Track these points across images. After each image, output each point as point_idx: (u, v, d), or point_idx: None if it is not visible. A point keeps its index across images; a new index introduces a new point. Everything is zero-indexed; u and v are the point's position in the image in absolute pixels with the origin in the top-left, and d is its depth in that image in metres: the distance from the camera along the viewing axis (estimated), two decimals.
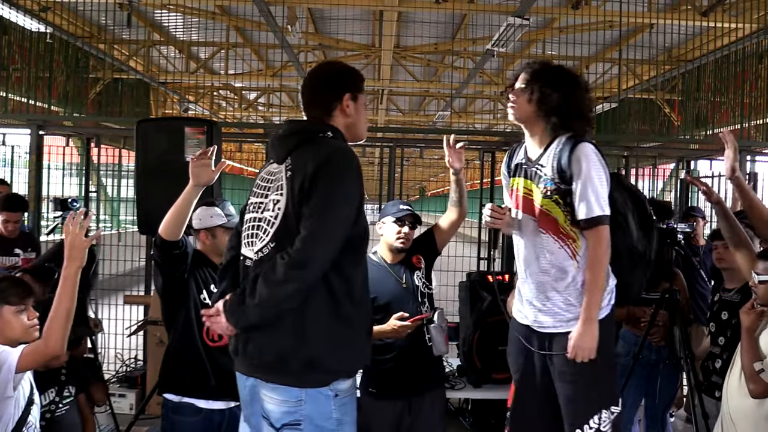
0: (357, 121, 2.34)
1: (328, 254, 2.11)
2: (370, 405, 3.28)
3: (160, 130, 4.30)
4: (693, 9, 8.06)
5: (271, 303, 2.09)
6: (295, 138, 2.25)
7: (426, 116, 16.86)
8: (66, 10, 8.41)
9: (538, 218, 2.59)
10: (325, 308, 2.15)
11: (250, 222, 2.28)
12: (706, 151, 6.64)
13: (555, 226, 2.57)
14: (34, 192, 5.57)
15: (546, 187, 2.57)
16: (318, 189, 2.11)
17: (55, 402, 3.01)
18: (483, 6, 8.74)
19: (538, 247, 2.61)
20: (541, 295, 2.62)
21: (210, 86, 14.63)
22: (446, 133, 3.17)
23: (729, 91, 9.26)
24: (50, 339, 2.33)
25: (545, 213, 2.58)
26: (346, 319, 2.19)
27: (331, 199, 2.11)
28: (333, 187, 2.12)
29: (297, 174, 2.15)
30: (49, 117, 7.45)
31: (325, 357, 2.16)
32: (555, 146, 2.59)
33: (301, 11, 9.34)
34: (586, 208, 2.50)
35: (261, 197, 2.27)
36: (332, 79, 2.34)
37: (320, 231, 2.10)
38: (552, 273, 2.59)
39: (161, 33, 11.27)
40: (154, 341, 4.95)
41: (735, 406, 2.87)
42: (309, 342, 2.13)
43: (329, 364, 2.18)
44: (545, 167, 2.59)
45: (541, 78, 2.61)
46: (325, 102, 2.30)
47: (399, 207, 3.33)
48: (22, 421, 2.38)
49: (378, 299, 3.23)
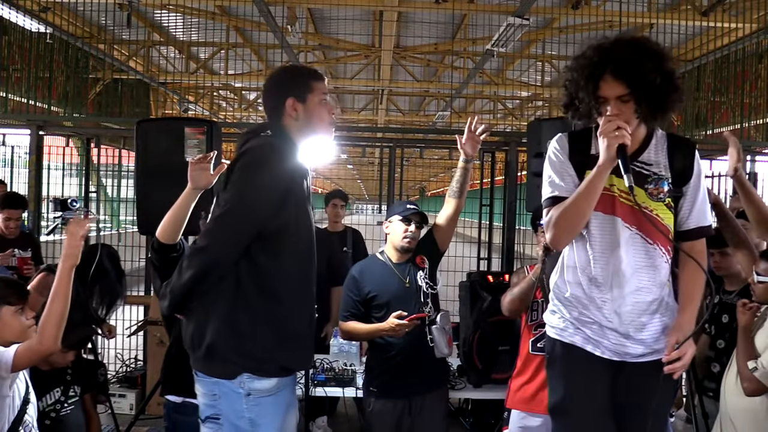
0: (309, 121, 2.35)
1: (225, 245, 2.16)
2: (372, 403, 3.31)
3: (160, 131, 4.30)
4: (693, 9, 8.07)
5: (177, 289, 2.18)
6: (242, 138, 2.34)
7: (426, 116, 16.86)
8: (66, 10, 8.41)
9: (641, 225, 2.18)
10: (230, 297, 2.18)
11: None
12: (706, 151, 6.63)
13: (666, 236, 2.19)
14: (34, 192, 5.57)
15: (660, 189, 2.19)
16: (230, 181, 2.21)
17: (60, 402, 3.01)
18: (483, 6, 8.75)
19: (641, 260, 2.20)
20: (636, 320, 2.21)
21: (210, 86, 14.63)
22: (446, 133, 3.16)
23: (729, 91, 9.28)
24: (44, 336, 2.34)
25: (657, 220, 2.18)
26: (251, 312, 2.18)
27: (237, 191, 2.17)
28: (242, 179, 2.18)
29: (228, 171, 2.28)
30: (49, 117, 7.46)
31: (220, 345, 2.17)
32: (657, 141, 2.23)
33: (301, 11, 9.34)
34: (706, 215, 2.24)
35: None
36: (275, 85, 2.40)
37: (219, 222, 2.17)
38: (653, 293, 2.21)
39: (161, 33, 11.27)
40: (154, 341, 4.95)
41: (733, 404, 2.88)
42: (209, 328, 2.18)
43: (225, 353, 2.18)
44: (653, 165, 2.21)
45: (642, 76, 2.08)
46: (271, 106, 2.38)
47: (406, 206, 3.34)
48: (18, 420, 2.38)
49: (379, 297, 3.25)
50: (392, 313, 3.14)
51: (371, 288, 3.28)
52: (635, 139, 2.18)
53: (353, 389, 3.93)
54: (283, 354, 2.21)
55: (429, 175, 31.18)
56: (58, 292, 2.36)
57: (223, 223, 2.17)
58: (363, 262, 3.49)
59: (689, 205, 2.22)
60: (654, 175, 2.20)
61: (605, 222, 2.21)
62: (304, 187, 2.28)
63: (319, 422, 4.76)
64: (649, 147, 2.22)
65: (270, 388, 2.19)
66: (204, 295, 2.19)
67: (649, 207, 2.19)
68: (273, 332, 2.20)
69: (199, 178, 2.66)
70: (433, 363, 3.26)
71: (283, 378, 2.23)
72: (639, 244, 2.19)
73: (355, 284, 3.31)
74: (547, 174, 2.27)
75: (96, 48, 9.73)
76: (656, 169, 2.21)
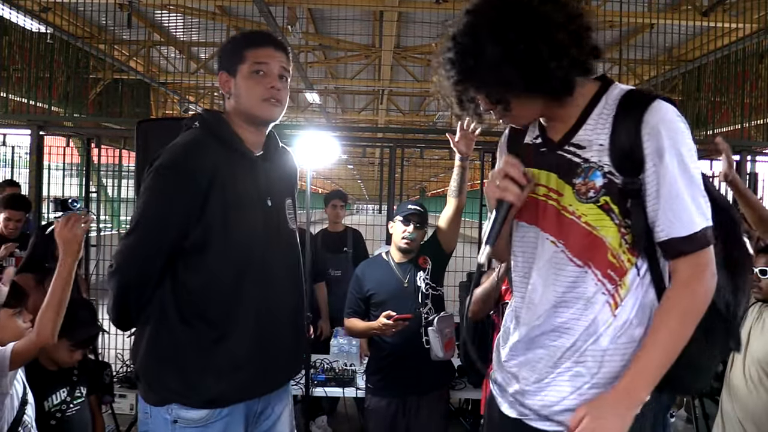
0: (240, 98, 1.97)
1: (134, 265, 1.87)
2: (369, 400, 3.38)
3: (160, 131, 4.28)
4: (693, 9, 8.06)
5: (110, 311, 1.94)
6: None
7: (426, 116, 16.85)
8: (66, 10, 8.41)
9: (568, 239, 1.47)
10: (156, 319, 1.91)
11: None
12: (707, 151, 6.63)
13: (602, 253, 1.44)
14: (34, 192, 5.57)
15: (589, 183, 1.44)
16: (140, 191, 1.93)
17: (66, 402, 3.02)
18: None
19: (560, 288, 1.48)
20: (544, 365, 1.51)
21: (210, 86, 14.61)
22: (446, 133, 3.14)
23: (729, 91, 9.27)
24: (40, 328, 2.33)
25: (585, 231, 1.45)
26: (175, 336, 1.89)
27: (143, 202, 1.90)
28: (147, 189, 1.89)
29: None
30: (49, 117, 7.45)
31: (146, 371, 1.94)
32: (606, 107, 1.46)
33: (301, 11, 9.34)
34: (686, 216, 1.39)
35: None
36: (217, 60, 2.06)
37: (126, 240, 1.88)
38: (574, 333, 1.46)
39: (161, 33, 11.27)
40: None
41: (745, 407, 2.87)
42: (140, 350, 1.95)
43: (149, 380, 1.93)
44: (587, 148, 1.46)
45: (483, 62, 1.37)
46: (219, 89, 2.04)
47: (407, 206, 3.34)
48: (18, 421, 2.38)
49: (377, 296, 3.28)
50: (383, 314, 3.16)
51: (370, 286, 3.31)
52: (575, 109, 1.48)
53: (353, 389, 3.94)
54: (211, 384, 1.88)
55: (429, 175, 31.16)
56: (56, 286, 2.35)
57: (129, 240, 1.87)
58: (367, 261, 3.53)
59: (653, 202, 1.41)
60: (584, 164, 1.45)
61: (527, 235, 1.55)
62: (243, 183, 1.92)
63: (319, 422, 4.77)
64: (589, 119, 1.47)
65: (199, 419, 1.89)
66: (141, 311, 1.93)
67: (577, 212, 1.46)
68: (199, 359, 1.88)
69: None
70: (430, 364, 3.25)
71: (215, 410, 1.89)
72: (564, 268, 1.48)
73: (358, 282, 3.36)
74: None
75: (96, 48, 9.73)
76: (589, 153, 1.45)
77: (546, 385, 1.50)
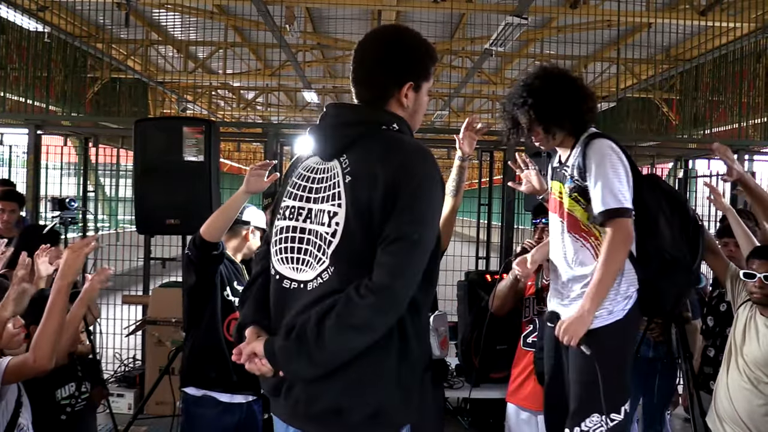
0: (414, 114, 1.90)
1: (414, 287, 1.69)
2: None
3: (158, 130, 4.30)
4: (691, 8, 8.07)
5: (346, 351, 1.68)
6: (351, 129, 1.79)
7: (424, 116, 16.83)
8: (64, 9, 8.40)
9: (566, 219, 2.58)
10: (394, 349, 1.72)
11: (288, 232, 1.81)
12: (705, 150, 6.64)
13: (576, 224, 2.55)
14: (32, 192, 5.56)
15: (568, 186, 2.55)
16: (400, 206, 1.66)
17: (75, 396, 3.04)
18: (481, 5, 8.75)
19: (565, 246, 2.59)
20: (565, 291, 2.61)
21: (208, 86, 14.62)
22: (444, 132, 3.15)
23: (727, 91, 9.28)
24: (38, 353, 2.29)
25: (569, 213, 2.57)
26: (415, 361, 1.77)
27: (419, 219, 1.69)
28: (419, 203, 1.68)
29: (361, 182, 1.69)
30: (47, 117, 7.44)
31: (393, 408, 1.74)
32: (578, 146, 2.57)
33: (299, 11, 9.34)
34: (601, 201, 2.44)
35: (302, 201, 1.80)
36: (397, 59, 1.84)
37: (409, 261, 1.67)
38: (575, 271, 2.56)
39: (159, 32, 11.26)
40: (153, 341, 4.95)
41: (741, 406, 2.87)
42: (375, 390, 1.72)
43: (395, 417, 1.76)
44: (569, 167, 2.58)
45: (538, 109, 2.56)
46: (380, 86, 1.83)
47: None
48: (13, 423, 2.37)
49: None
50: None
51: None
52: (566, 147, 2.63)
53: None
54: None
55: None
56: (53, 308, 2.31)
57: (413, 265, 1.68)
58: None
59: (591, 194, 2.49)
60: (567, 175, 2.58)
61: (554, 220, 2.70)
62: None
63: None
64: (573, 152, 2.59)
65: None
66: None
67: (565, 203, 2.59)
68: (425, 379, 1.84)
69: (254, 183, 2.70)
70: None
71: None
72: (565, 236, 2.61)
73: None
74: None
75: (94, 47, 9.73)
76: (571, 170, 2.57)
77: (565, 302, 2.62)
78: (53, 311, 2.31)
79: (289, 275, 1.78)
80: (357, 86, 1.88)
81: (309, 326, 1.67)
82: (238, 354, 1.78)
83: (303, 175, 1.83)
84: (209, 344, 3.01)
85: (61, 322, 2.33)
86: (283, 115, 15.71)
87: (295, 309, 1.74)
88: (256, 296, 1.89)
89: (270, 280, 1.86)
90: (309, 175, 1.82)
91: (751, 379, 2.86)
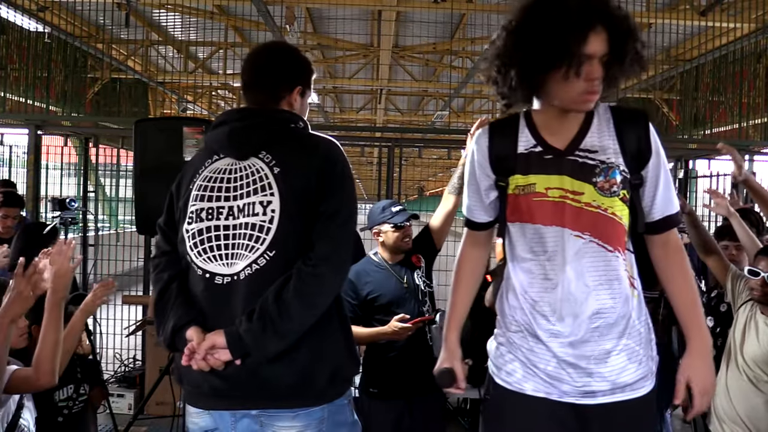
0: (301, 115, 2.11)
1: (351, 252, 1.94)
2: (370, 405, 3.29)
3: (158, 130, 4.29)
4: (691, 8, 8.07)
5: (309, 317, 1.82)
6: (263, 130, 1.95)
7: (425, 116, 16.84)
8: (64, 9, 8.40)
9: (595, 230, 1.73)
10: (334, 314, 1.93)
11: (210, 231, 1.89)
12: (705, 150, 6.64)
13: (623, 237, 1.76)
14: (32, 192, 5.56)
15: (612, 180, 1.73)
16: (332, 187, 1.88)
17: (73, 398, 3.04)
18: (482, 6, 8.74)
19: (595, 274, 1.73)
20: (596, 348, 1.74)
21: (208, 86, 14.61)
22: (445, 132, 3.15)
23: (727, 91, 9.29)
24: (41, 372, 2.29)
25: (612, 220, 1.73)
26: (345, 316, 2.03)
27: (349, 196, 1.93)
28: (346, 184, 1.92)
29: (293, 171, 1.87)
30: (47, 117, 7.44)
31: (346, 366, 1.96)
32: (600, 120, 1.78)
33: (299, 11, 9.33)
34: (672, 200, 1.79)
35: (219, 200, 1.91)
36: (289, 64, 2.07)
37: (346, 231, 1.90)
38: (617, 311, 1.74)
39: (159, 33, 11.25)
40: (153, 341, 4.94)
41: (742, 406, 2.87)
42: (331, 350, 1.91)
43: (347, 371, 1.97)
44: (598, 152, 1.75)
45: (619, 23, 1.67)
46: (273, 87, 2.04)
47: (392, 210, 3.30)
48: (13, 425, 2.37)
49: (380, 299, 3.24)
50: (394, 318, 3.13)
51: (370, 290, 3.26)
52: (574, 122, 1.76)
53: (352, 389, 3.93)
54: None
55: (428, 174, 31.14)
56: (49, 325, 2.29)
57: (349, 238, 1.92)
58: (358, 265, 3.45)
59: (651, 191, 1.77)
60: (602, 164, 1.73)
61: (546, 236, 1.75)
62: None
63: None
64: (591, 128, 1.76)
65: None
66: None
67: (602, 205, 1.73)
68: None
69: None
70: (431, 363, 3.24)
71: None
72: (596, 255, 1.73)
73: (352, 287, 3.25)
74: (466, 178, 1.93)
75: (94, 47, 9.72)
76: (603, 156, 1.74)
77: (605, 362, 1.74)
78: (49, 328, 2.29)
79: (221, 271, 1.87)
80: (249, 89, 2.07)
81: (269, 304, 1.78)
82: (190, 353, 1.81)
83: (213, 177, 1.95)
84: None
85: (58, 338, 2.31)
86: None
87: (236, 300, 1.84)
88: (180, 299, 1.91)
89: (187, 284, 1.92)
90: (222, 176, 1.94)
91: (751, 377, 2.86)
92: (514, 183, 1.78)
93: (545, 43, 1.61)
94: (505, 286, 1.90)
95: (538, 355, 1.78)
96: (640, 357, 1.78)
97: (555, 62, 1.62)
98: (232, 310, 1.83)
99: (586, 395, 1.75)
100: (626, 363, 1.76)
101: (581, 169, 1.73)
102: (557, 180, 1.74)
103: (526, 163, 1.77)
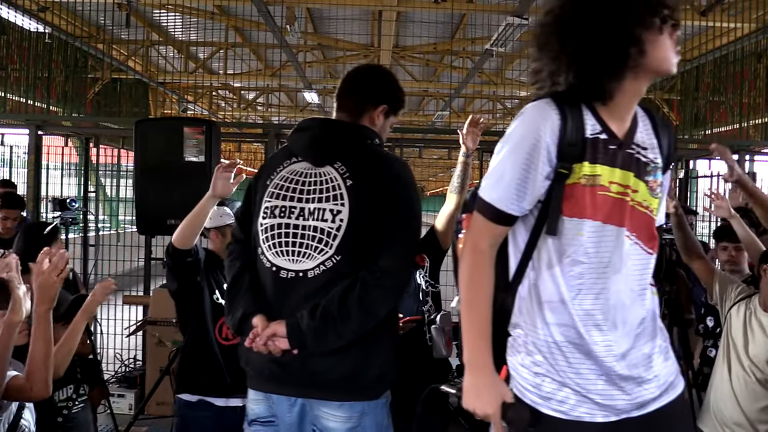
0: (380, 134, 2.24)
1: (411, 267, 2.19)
2: None
3: (158, 130, 4.31)
4: (692, 8, 8.06)
5: (367, 326, 2.00)
6: (342, 142, 2.09)
7: (425, 116, 16.85)
8: (65, 10, 8.40)
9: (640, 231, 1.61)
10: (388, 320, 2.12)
11: (281, 228, 2.05)
12: (705, 150, 6.64)
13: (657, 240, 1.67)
14: (32, 192, 5.56)
15: (658, 180, 1.64)
16: (400, 205, 2.04)
17: (72, 399, 3.04)
18: (482, 6, 8.74)
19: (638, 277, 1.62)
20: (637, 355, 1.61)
21: (209, 86, 14.61)
22: (445, 132, 3.16)
23: (727, 91, 9.29)
24: (34, 384, 2.27)
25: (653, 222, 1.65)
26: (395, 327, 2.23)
27: (415, 215, 2.11)
28: (413, 203, 2.09)
29: (365, 187, 2.02)
30: (47, 117, 7.45)
31: (391, 368, 2.16)
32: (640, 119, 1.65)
33: (300, 11, 9.33)
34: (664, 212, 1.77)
35: (293, 201, 2.06)
36: (381, 84, 2.25)
37: (410, 248, 2.11)
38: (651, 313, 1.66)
39: (160, 33, 11.26)
40: (153, 341, 4.95)
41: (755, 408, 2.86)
42: (379, 356, 2.09)
43: (392, 376, 2.17)
44: (648, 150, 1.63)
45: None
46: (361, 99, 2.19)
47: None
48: (15, 425, 2.37)
49: None
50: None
51: None
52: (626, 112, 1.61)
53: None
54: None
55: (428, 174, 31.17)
56: (37, 337, 2.27)
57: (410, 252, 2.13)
58: None
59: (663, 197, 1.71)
60: (651, 164, 1.63)
61: (606, 235, 1.57)
62: None
63: None
64: (639, 123, 1.64)
65: None
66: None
67: (651, 206, 1.62)
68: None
69: (222, 186, 2.70)
70: (430, 364, 3.24)
71: None
72: (639, 257, 1.61)
73: None
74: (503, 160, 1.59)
75: (95, 48, 9.73)
76: (652, 154, 1.64)
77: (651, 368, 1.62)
78: (38, 340, 2.27)
79: (287, 266, 2.02)
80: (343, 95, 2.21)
81: (333, 305, 1.96)
82: (254, 337, 2.00)
83: (290, 178, 2.09)
84: (201, 350, 3.01)
85: (48, 349, 2.29)
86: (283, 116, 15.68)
87: (298, 294, 2.01)
88: (250, 289, 2.09)
89: (257, 274, 2.10)
90: (298, 179, 2.07)
91: (760, 378, 2.83)
92: (580, 171, 1.53)
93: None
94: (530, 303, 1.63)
95: (585, 377, 1.58)
96: (669, 353, 1.69)
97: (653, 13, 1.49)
98: (291, 303, 2.01)
99: (641, 407, 1.60)
100: (664, 362, 1.66)
101: (637, 164, 1.60)
102: (621, 175, 1.57)
103: (594, 150, 1.55)
